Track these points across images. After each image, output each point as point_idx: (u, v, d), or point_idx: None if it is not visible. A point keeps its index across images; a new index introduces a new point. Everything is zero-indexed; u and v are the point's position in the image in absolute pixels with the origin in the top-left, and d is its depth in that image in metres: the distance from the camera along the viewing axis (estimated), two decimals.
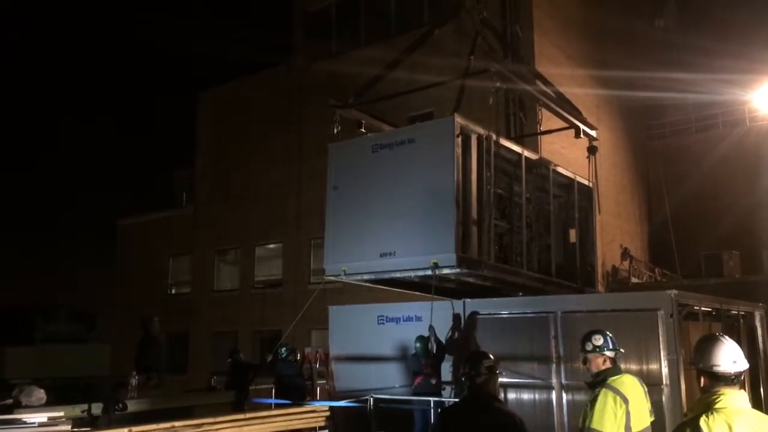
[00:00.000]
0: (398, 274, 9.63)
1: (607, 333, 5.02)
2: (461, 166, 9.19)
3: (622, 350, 5.08)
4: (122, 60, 54.02)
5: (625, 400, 4.68)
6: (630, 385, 4.83)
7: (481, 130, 9.62)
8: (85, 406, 7.63)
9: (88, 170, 44.33)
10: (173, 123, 41.50)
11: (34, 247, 34.46)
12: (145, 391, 9.69)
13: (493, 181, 9.66)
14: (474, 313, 9.84)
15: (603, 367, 4.89)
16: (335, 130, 10.72)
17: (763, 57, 22.60)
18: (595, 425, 4.63)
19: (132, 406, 8.53)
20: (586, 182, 12.15)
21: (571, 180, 11.97)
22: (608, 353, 4.90)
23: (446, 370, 9.72)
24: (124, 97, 52.48)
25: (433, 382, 9.49)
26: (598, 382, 4.85)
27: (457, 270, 9.01)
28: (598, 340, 4.96)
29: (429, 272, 9.04)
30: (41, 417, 6.68)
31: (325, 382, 11.93)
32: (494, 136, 9.84)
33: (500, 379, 4.84)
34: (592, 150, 12.03)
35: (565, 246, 11.97)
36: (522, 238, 10.48)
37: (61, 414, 7.19)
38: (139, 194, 36.32)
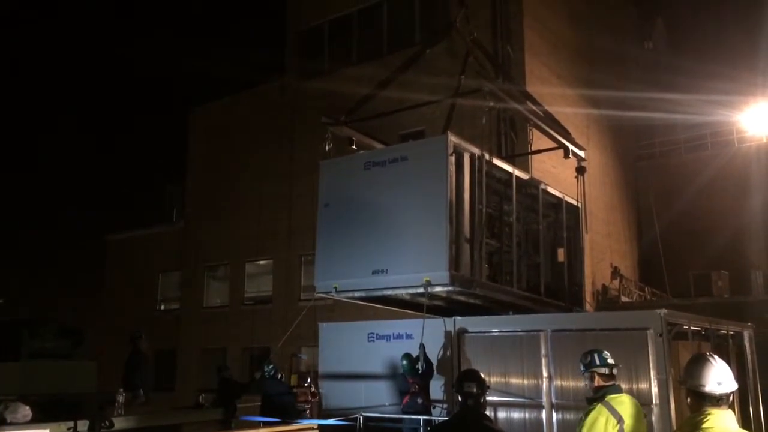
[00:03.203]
0: (390, 292, 9.60)
1: (599, 351, 5.15)
2: (454, 184, 9.21)
3: (608, 370, 5.13)
4: (116, 76, 54.13)
5: (620, 420, 4.76)
6: (628, 405, 4.91)
7: (474, 149, 9.65)
8: (71, 424, 7.52)
9: (77, 185, 44.20)
10: (164, 139, 41.53)
11: (21, 261, 34.21)
12: (132, 409, 9.58)
13: (484, 200, 9.69)
14: (464, 331, 9.83)
15: (596, 385, 5.03)
16: (326, 147, 10.73)
17: (750, 78, 22.94)
18: None
19: (119, 423, 8.42)
20: (574, 202, 12.21)
21: (560, 199, 12.02)
22: (599, 370, 5.05)
23: (436, 389, 9.68)
24: (116, 112, 52.45)
25: (420, 401, 9.43)
26: (596, 398, 4.96)
27: (450, 288, 8.99)
28: (585, 358, 5.14)
29: (421, 290, 9.02)
30: None
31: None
32: (487, 156, 9.89)
33: (490, 398, 4.86)
34: (580, 170, 12.12)
35: (553, 265, 11.99)
36: (512, 257, 10.50)
37: (47, 431, 7.11)
38: (129, 210, 36.23)
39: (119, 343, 14.42)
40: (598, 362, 5.06)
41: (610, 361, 5.08)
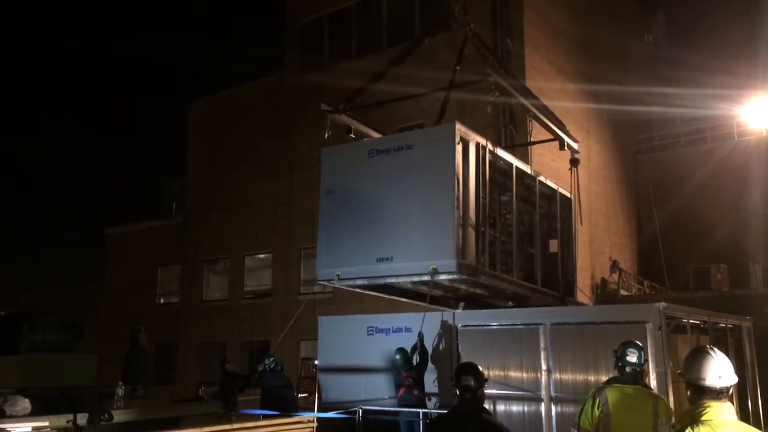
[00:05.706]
0: (394, 280, 9.56)
1: (626, 346, 5.42)
2: (461, 173, 9.19)
3: (621, 364, 5.40)
4: (115, 70, 54.02)
5: (605, 403, 5.10)
6: (622, 394, 5.17)
7: (480, 139, 9.64)
8: (70, 416, 7.55)
9: (77, 178, 44.18)
10: (164, 133, 41.48)
11: (21, 255, 34.22)
12: (132, 402, 9.60)
13: (487, 189, 9.68)
14: (464, 324, 9.83)
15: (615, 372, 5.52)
16: (326, 135, 10.69)
17: (750, 72, 22.89)
18: (577, 419, 5.27)
19: (118, 416, 8.44)
20: (567, 193, 12.23)
21: (554, 191, 12.03)
22: (620, 363, 5.43)
23: (430, 382, 9.67)
24: (115, 106, 52.37)
25: (416, 393, 9.44)
26: (603, 384, 5.48)
27: (456, 276, 8.94)
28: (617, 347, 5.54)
29: (426, 278, 8.99)
30: (26, 427, 6.62)
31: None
32: (491, 146, 9.88)
33: (489, 391, 4.90)
34: (574, 162, 12.14)
35: (545, 256, 12.01)
36: (507, 247, 10.51)
37: (46, 424, 7.13)
38: (129, 203, 36.23)
39: (119, 337, 14.44)
40: (618, 355, 5.43)
41: (628, 358, 5.37)
